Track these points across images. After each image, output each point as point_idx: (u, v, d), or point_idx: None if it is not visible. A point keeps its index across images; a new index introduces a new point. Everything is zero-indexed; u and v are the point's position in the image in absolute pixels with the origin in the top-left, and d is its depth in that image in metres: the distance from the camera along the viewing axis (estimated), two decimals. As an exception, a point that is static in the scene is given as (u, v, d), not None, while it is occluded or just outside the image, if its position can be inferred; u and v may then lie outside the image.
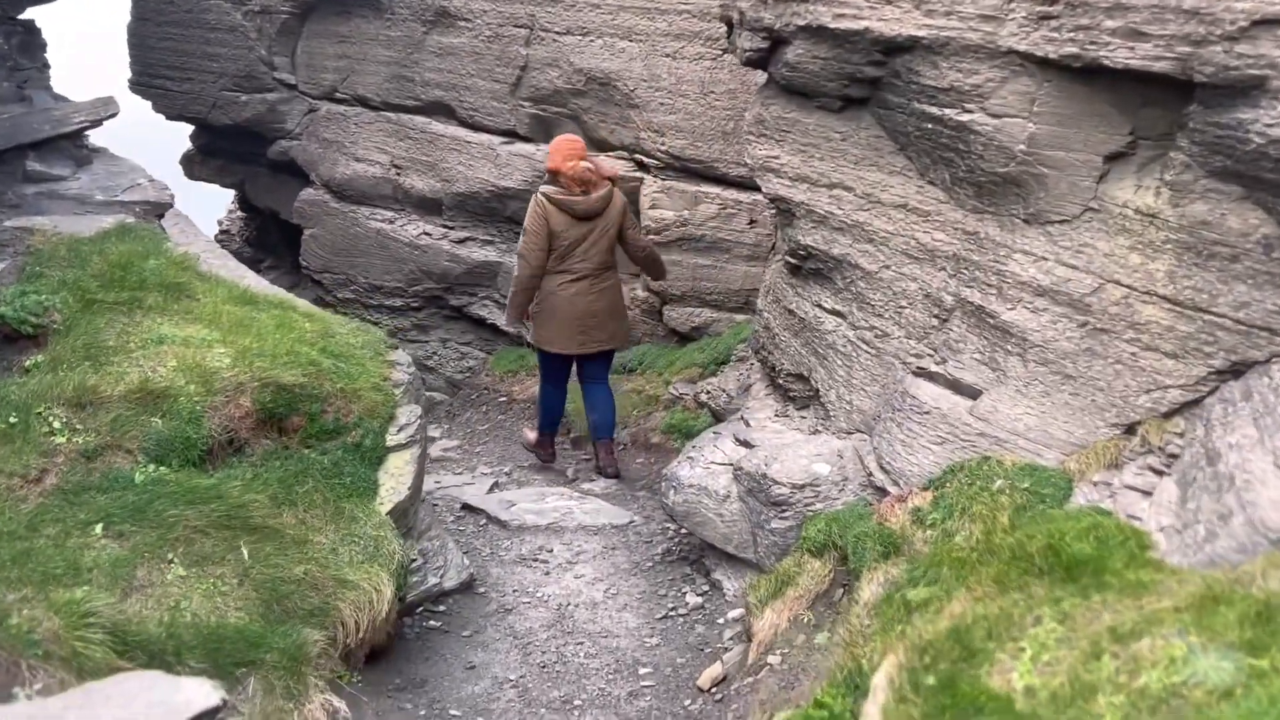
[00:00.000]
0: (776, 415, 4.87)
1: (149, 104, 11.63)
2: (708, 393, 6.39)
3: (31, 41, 8.67)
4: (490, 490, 5.91)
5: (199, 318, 4.19)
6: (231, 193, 13.01)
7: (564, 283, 5.81)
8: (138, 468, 3.56)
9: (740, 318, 7.22)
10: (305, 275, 10.76)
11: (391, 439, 4.22)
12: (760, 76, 5.15)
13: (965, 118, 3.73)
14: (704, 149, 7.23)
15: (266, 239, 12.32)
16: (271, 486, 3.70)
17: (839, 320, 4.46)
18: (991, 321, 3.71)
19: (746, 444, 4.55)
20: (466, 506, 5.48)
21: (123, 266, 4.31)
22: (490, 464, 6.84)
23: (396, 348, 4.73)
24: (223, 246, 13.42)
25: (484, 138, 8.72)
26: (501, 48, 8.41)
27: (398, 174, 9.34)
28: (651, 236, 7.48)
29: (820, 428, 4.50)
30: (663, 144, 7.41)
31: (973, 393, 3.73)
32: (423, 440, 4.40)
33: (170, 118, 11.52)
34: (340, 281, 9.99)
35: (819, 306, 4.59)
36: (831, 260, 4.45)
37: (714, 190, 7.27)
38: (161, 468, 3.61)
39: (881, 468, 3.85)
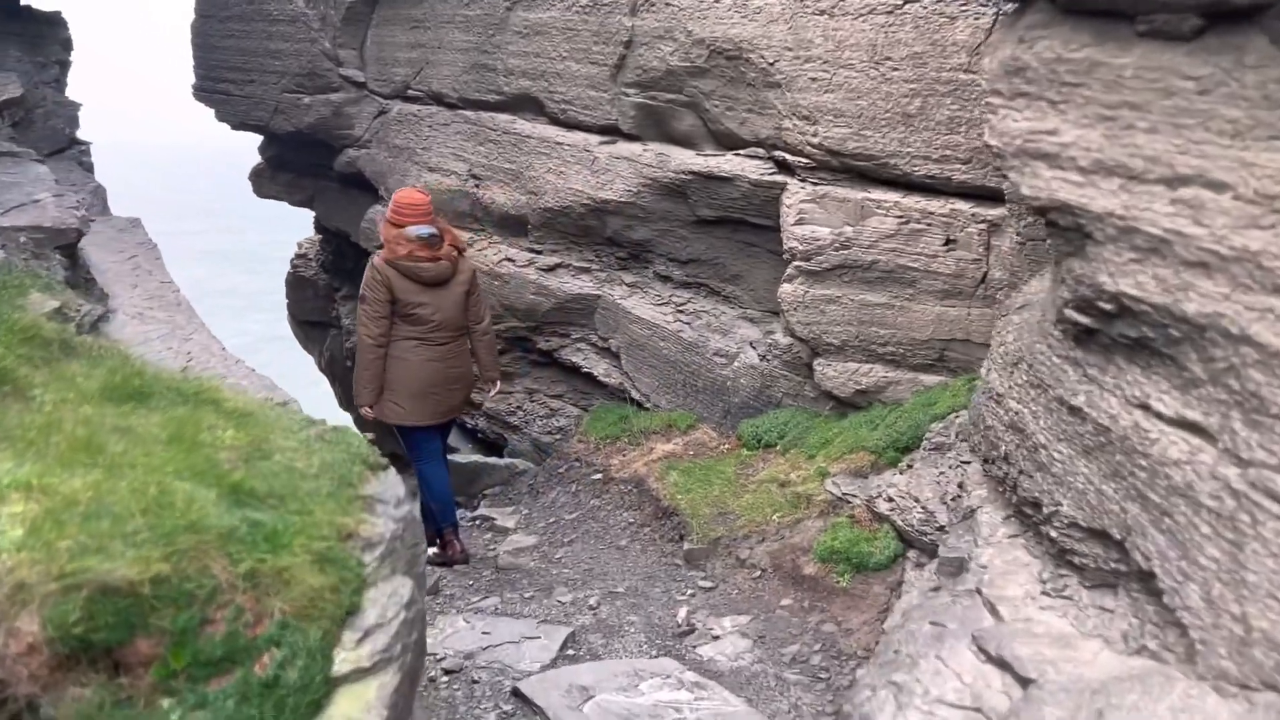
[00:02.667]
0: (1050, 592, 2.73)
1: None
2: (890, 499, 4.28)
3: (47, 34, 7.26)
4: (561, 652, 3.95)
5: (9, 435, 2.36)
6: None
7: (416, 346, 5.22)
8: None
9: (930, 380, 5.06)
10: (375, 308, 9.11)
11: (344, 659, 2.29)
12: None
13: None
14: (875, 140, 5.12)
15: (342, 264, 10.77)
16: (61, 809, 1.81)
17: (1198, 443, 2.29)
18: None
19: (1004, 665, 2.44)
20: (518, 694, 3.52)
21: (-91, 342, 2.54)
22: (572, 584, 4.90)
23: (383, 468, 2.80)
24: (299, 274, 11.97)
25: (578, 137, 6.82)
26: (600, 20, 6.51)
27: (476, 186, 7.54)
28: (798, 264, 5.41)
29: (1155, 648, 2.34)
30: (814, 135, 5.34)
31: None
32: (411, 652, 2.45)
33: (234, 127, 10.12)
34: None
35: (1146, 409, 2.44)
36: (1179, 325, 2.31)
37: (890, 197, 5.15)
38: None
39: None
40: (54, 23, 7.37)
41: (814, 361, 5.52)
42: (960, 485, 3.85)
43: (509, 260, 7.26)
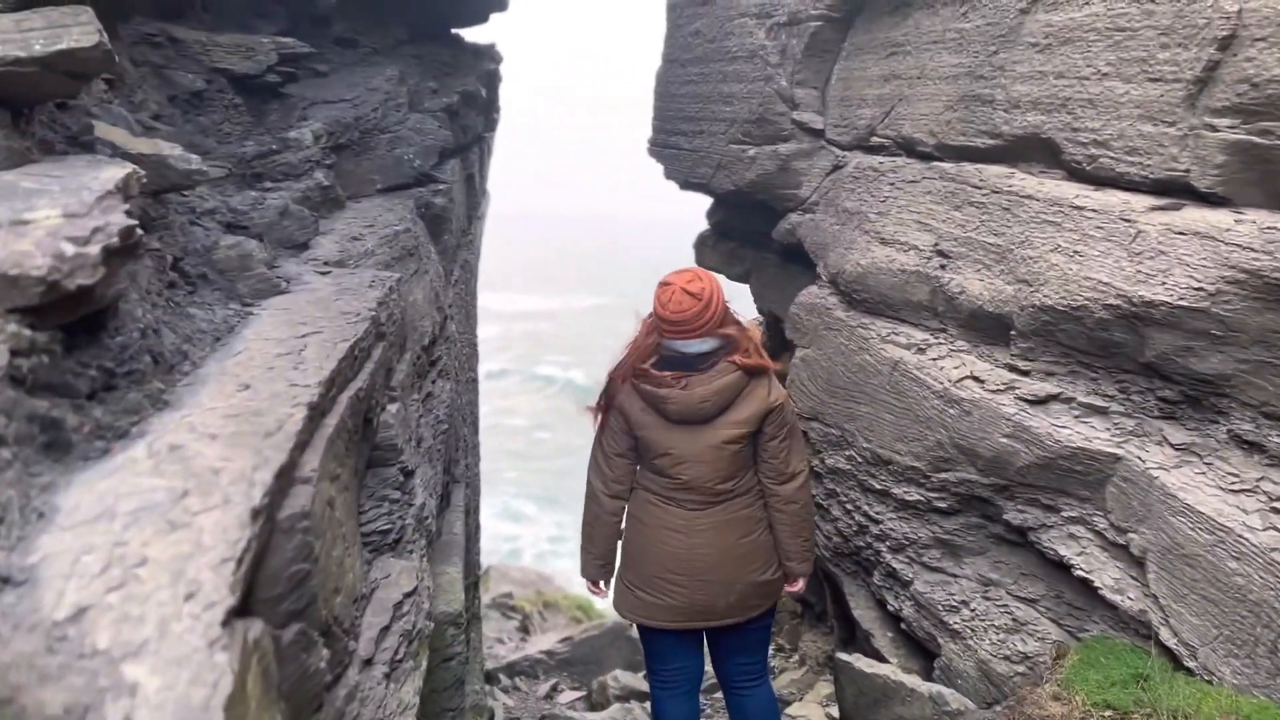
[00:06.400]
0: None
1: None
2: None
3: (464, 63, 6.40)
4: None
5: None
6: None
7: (654, 506, 3.62)
8: None
9: None
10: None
11: None
12: None
13: None
14: None
15: (779, 354, 8.97)
16: None
17: None
18: None
19: None
20: None
21: None
22: None
23: None
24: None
25: (1112, 199, 4.24)
26: (1176, 8, 3.92)
27: (942, 266, 5.23)
28: None
29: None
30: None
31: None
32: None
33: (681, 186, 8.87)
34: (833, 440, 6.10)
35: None
36: None
37: None
38: None
39: None
40: (478, 54, 6.51)
41: None
42: None
43: (974, 380, 4.81)
